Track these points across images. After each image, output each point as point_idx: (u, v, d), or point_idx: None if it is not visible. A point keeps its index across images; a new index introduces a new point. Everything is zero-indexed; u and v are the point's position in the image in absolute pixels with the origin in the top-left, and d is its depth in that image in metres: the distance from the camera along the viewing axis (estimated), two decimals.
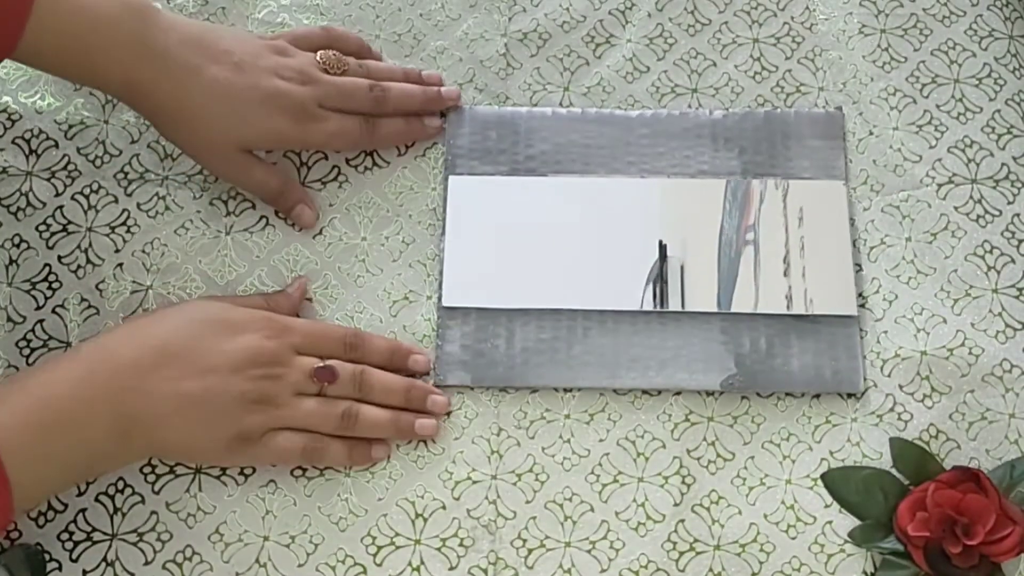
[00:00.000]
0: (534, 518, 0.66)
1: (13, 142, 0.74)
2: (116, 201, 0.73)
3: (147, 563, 0.65)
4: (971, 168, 0.73)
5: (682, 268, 0.70)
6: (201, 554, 0.65)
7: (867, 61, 0.76)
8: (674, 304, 0.69)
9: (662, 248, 0.70)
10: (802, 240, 0.71)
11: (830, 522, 0.66)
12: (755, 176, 0.73)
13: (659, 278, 0.70)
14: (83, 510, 0.66)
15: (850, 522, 0.66)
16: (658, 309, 0.69)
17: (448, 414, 0.68)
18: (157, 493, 0.66)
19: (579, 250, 0.71)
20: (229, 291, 0.71)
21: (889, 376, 0.69)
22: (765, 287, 0.70)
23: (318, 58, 0.71)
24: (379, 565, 0.65)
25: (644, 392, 0.69)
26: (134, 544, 0.65)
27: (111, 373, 0.60)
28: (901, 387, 0.68)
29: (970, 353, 0.69)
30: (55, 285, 0.71)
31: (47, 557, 0.65)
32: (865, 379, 0.68)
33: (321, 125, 0.70)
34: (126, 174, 0.74)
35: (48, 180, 0.73)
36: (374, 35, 0.78)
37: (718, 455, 0.67)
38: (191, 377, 0.61)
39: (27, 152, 0.74)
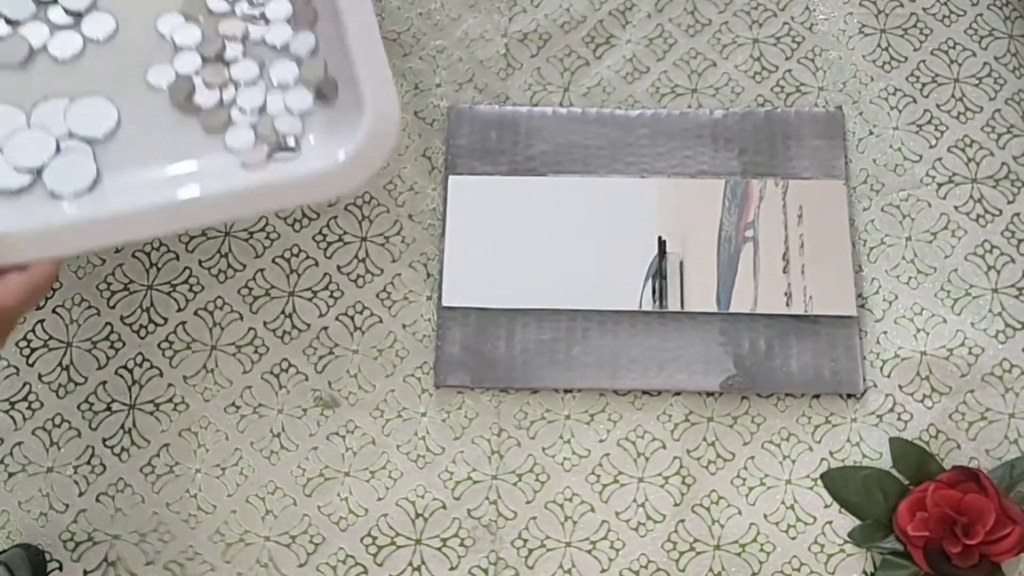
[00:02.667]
0: (534, 518, 0.66)
1: None
2: None
3: (148, 563, 0.65)
4: (971, 167, 0.73)
5: (681, 264, 0.70)
6: (202, 554, 0.65)
7: (867, 61, 0.76)
8: (673, 300, 0.69)
9: (661, 244, 0.70)
10: (801, 238, 0.71)
11: (830, 522, 0.66)
12: (755, 176, 0.73)
13: (658, 274, 0.70)
14: (83, 510, 0.66)
15: (850, 522, 0.66)
16: (657, 307, 0.69)
17: (448, 414, 0.68)
18: (157, 493, 0.66)
19: (579, 250, 0.71)
20: (230, 291, 0.71)
21: (889, 376, 0.69)
22: (764, 284, 0.70)
23: None
24: (379, 565, 0.65)
25: (644, 392, 0.69)
26: (135, 544, 0.66)
27: None
28: (901, 387, 0.68)
29: (970, 353, 0.69)
30: (56, 286, 0.71)
31: (47, 557, 0.65)
32: (865, 379, 0.68)
33: None
34: None
35: None
36: None
37: (718, 455, 0.67)
38: None
39: None
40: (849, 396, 0.68)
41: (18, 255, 0.54)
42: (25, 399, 0.69)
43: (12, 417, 0.68)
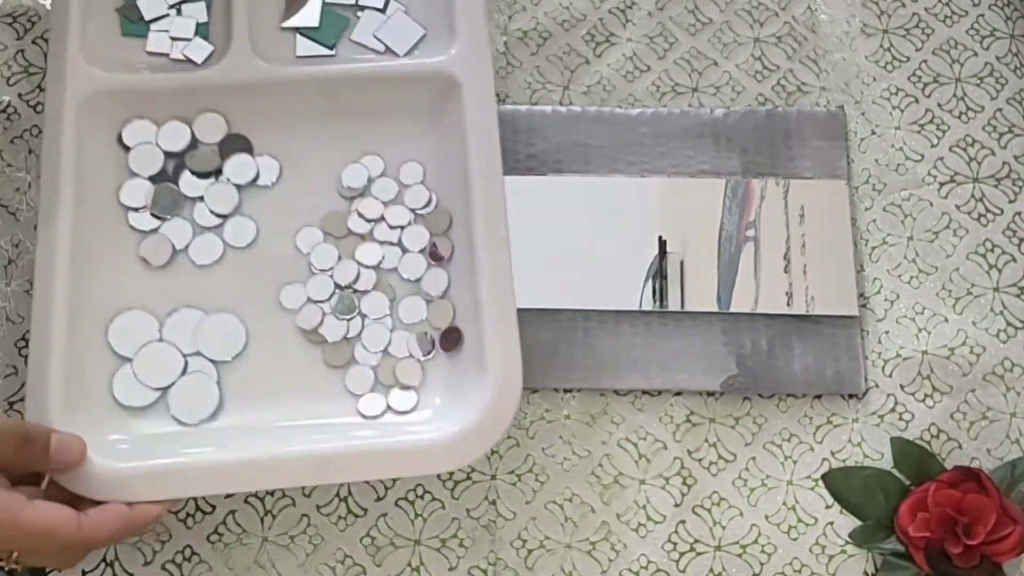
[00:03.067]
0: (534, 519, 0.66)
1: (12, 142, 0.73)
2: None
3: (146, 563, 0.65)
4: (972, 167, 0.73)
5: (682, 264, 0.70)
6: (200, 554, 0.65)
7: (869, 61, 0.76)
8: (674, 300, 0.69)
9: (662, 243, 0.70)
10: (803, 238, 0.71)
11: (831, 523, 0.66)
12: (756, 175, 0.72)
13: (659, 273, 0.70)
14: None
15: (851, 523, 0.66)
16: (658, 307, 0.69)
17: None
18: None
19: (579, 250, 0.71)
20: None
21: (890, 376, 0.68)
22: (765, 284, 0.70)
23: None
24: (379, 565, 0.65)
25: (645, 393, 0.69)
26: (134, 544, 0.65)
27: None
28: (902, 387, 0.68)
29: (971, 352, 0.68)
30: None
31: None
32: (866, 379, 0.68)
33: None
34: None
35: None
36: None
37: (719, 456, 0.67)
38: None
39: (26, 152, 0.73)
40: (850, 396, 0.68)
41: (127, 495, 0.53)
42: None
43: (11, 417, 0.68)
